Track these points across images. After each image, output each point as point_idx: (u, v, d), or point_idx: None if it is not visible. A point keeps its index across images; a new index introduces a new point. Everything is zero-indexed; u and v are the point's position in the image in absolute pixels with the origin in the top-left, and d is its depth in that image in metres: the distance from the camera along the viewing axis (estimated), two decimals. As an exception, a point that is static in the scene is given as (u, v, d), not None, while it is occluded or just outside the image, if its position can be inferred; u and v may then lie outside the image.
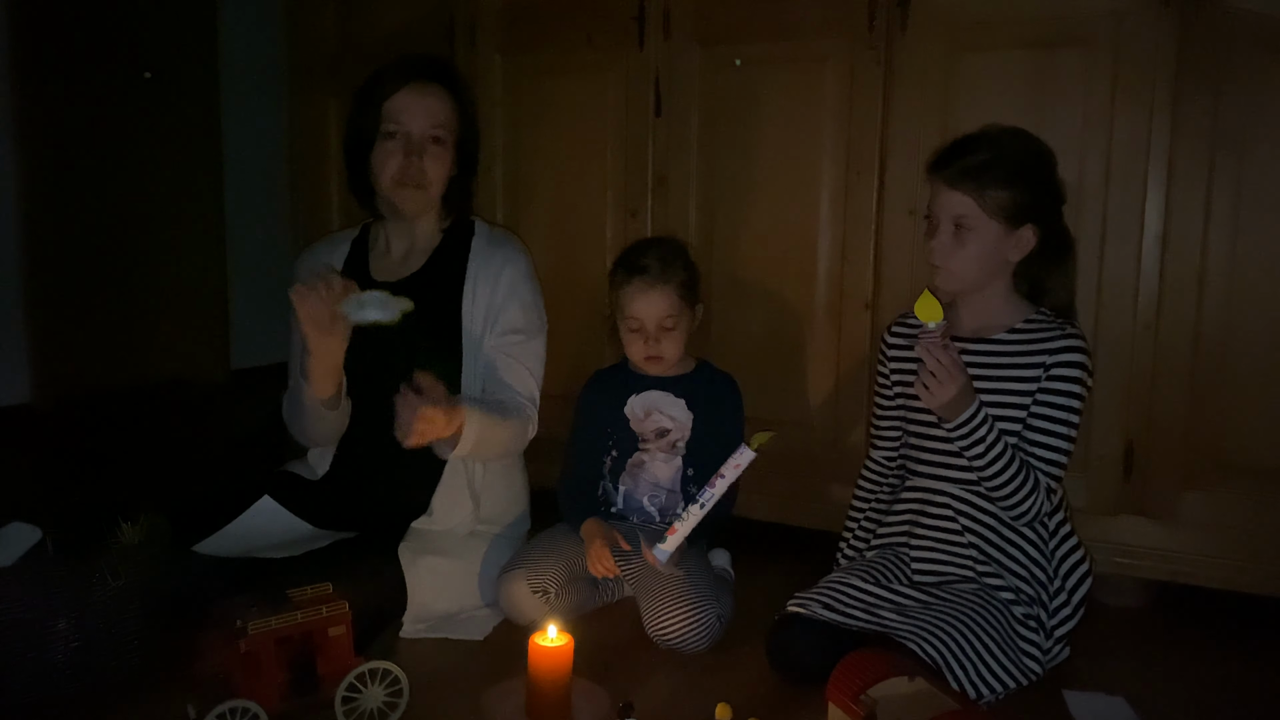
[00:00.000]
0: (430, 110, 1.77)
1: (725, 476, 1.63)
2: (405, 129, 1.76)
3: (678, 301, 1.79)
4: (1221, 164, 1.75)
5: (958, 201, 1.58)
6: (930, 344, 1.48)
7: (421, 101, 1.76)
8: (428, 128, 1.77)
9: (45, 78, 3.26)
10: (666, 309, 1.79)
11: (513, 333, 1.82)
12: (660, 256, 1.81)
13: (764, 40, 2.07)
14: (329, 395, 1.72)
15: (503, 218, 2.34)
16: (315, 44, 2.60)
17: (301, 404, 1.74)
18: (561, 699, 1.41)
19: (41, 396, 3.30)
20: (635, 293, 1.79)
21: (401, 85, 1.75)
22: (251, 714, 1.29)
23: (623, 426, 1.85)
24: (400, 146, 1.76)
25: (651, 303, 1.79)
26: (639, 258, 1.82)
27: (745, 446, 1.63)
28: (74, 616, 1.46)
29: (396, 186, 1.77)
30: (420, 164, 1.77)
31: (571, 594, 1.77)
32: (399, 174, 1.76)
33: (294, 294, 1.59)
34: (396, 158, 1.76)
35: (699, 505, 1.63)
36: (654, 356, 1.80)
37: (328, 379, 1.70)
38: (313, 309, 1.59)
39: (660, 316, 1.79)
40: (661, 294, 1.78)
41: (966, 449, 1.54)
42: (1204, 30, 1.73)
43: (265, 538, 1.69)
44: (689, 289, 1.82)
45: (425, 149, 1.77)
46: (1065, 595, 1.61)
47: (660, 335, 1.80)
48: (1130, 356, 1.83)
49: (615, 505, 1.87)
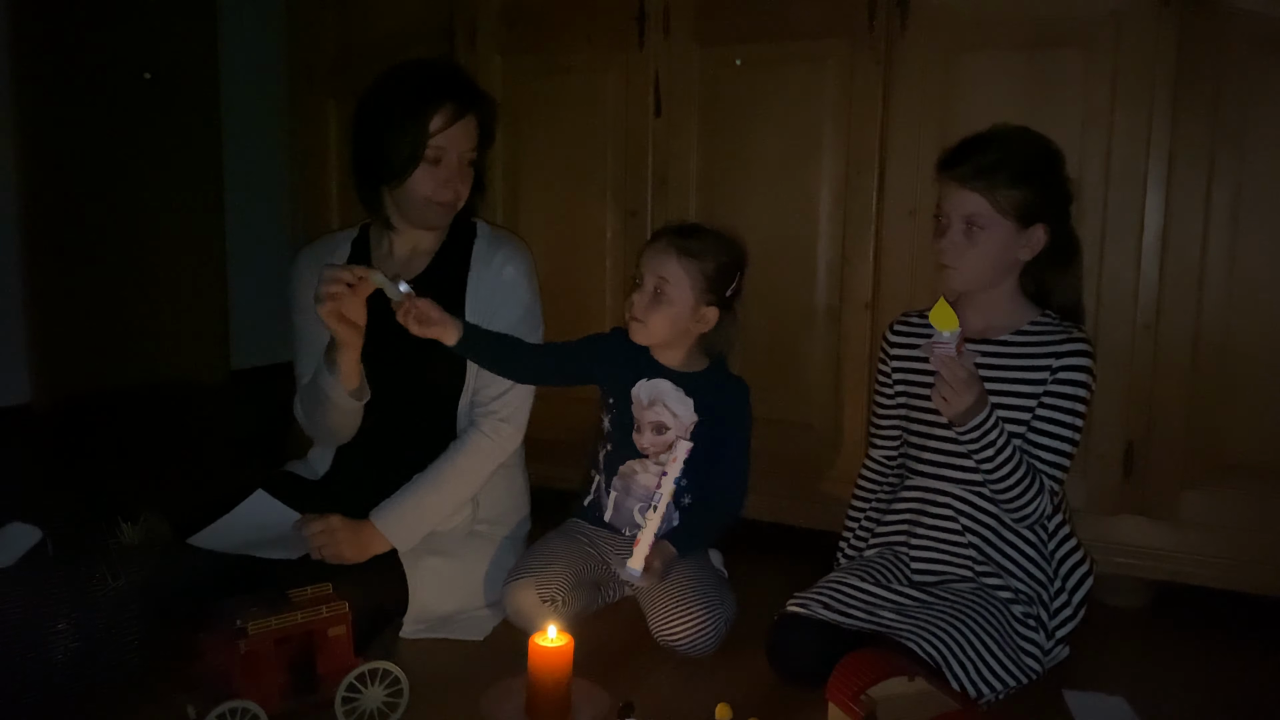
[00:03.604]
0: (470, 136, 1.79)
1: (668, 473, 1.62)
2: (448, 155, 1.76)
3: (682, 276, 1.74)
4: (1221, 164, 1.75)
5: (970, 200, 1.58)
6: (946, 355, 1.47)
7: (468, 131, 1.78)
8: (466, 151, 1.78)
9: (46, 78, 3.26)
10: (667, 273, 1.74)
11: (506, 332, 1.81)
12: (701, 236, 1.78)
13: (764, 40, 2.07)
14: (356, 385, 1.74)
15: (503, 218, 2.34)
16: (315, 45, 2.59)
17: (327, 399, 1.75)
18: (561, 699, 1.41)
19: (41, 396, 3.31)
20: (653, 248, 1.78)
21: (455, 118, 1.74)
22: (251, 714, 1.29)
23: (625, 404, 1.83)
24: (442, 171, 1.76)
25: (658, 260, 1.75)
26: (686, 226, 1.82)
27: (681, 441, 1.63)
28: (74, 616, 1.46)
29: (433, 205, 1.78)
30: (457, 185, 1.78)
31: (577, 599, 1.77)
32: (436, 195, 1.77)
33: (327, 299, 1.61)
34: (437, 181, 1.76)
35: (652, 509, 1.61)
36: (636, 317, 1.76)
37: (356, 368, 1.73)
38: (347, 305, 1.62)
39: (658, 277, 1.74)
40: (672, 259, 1.74)
41: (976, 452, 1.54)
42: (1204, 30, 1.73)
43: (261, 531, 1.69)
44: (709, 281, 1.76)
45: (461, 172, 1.78)
46: (1066, 595, 1.61)
47: (652, 298, 1.75)
48: (1130, 356, 1.83)
49: (606, 513, 1.84)
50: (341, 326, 1.65)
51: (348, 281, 1.62)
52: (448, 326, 1.66)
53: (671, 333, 1.77)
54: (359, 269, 1.64)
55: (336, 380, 1.71)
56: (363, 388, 1.75)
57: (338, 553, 1.64)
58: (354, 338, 1.67)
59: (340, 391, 1.73)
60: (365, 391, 1.76)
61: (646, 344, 1.80)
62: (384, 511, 1.70)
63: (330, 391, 1.73)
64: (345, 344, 1.68)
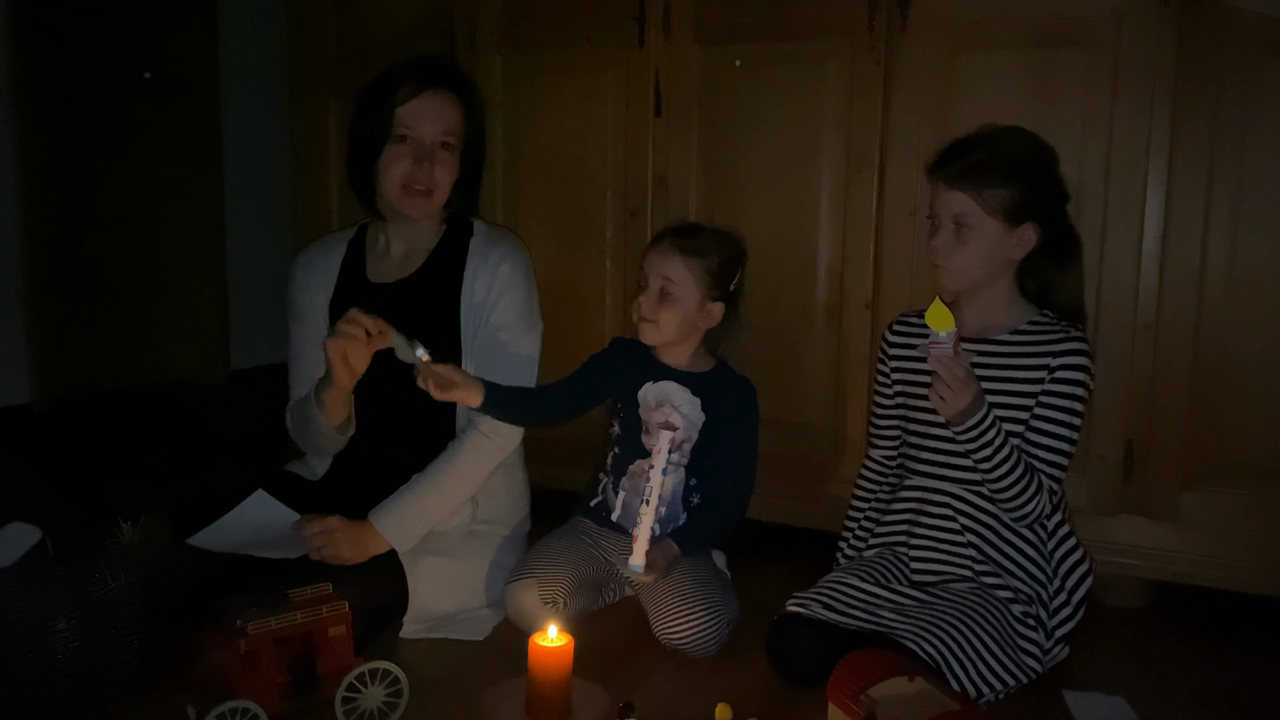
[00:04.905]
0: (442, 116, 1.77)
1: (655, 465, 1.62)
2: (417, 135, 1.76)
3: (687, 275, 1.75)
4: (1221, 163, 1.75)
5: (957, 200, 1.59)
6: (943, 355, 1.47)
7: (434, 108, 1.76)
8: (439, 134, 1.77)
9: (45, 78, 3.26)
10: (671, 273, 1.75)
11: (501, 329, 1.81)
12: (702, 234, 1.80)
13: (764, 40, 2.07)
14: (341, 420, 1.77)
15: (502, 218, 2.34)
16: (315, 45, 2.59)
17: (313, 427, 1.78)
18: (561, 699, 1.41)
19: (41, 397, 3.31)
20: (657, 249, 1.79)
21: (416, 92, 1.75)
22: (251, 714, 1.29)
23: (632, 407, 1.83)
24: (411, 152, 1.76)
25: (662, 261, 1.77)
26: (686, 226, 1.84)
27: (663, 431, 1.63)
28: (74, 616, 1.46)
29: (404, 192, 1.77)
30: (430, 170, 1.77)
31: (578, 600, 1.77)
32: (407, 180, 1.76)
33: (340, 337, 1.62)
34: (406, 163, 1.76)
35: (644, 503, 1.61)
36: (645, 318, 1.77)
37: (345, 408, 1.76)
38: (354, 352, 1.63)
39: (663, 278, 1.75)
40: (676, 259, 1.75)
41: (974, 452, 1.54)
42: (1203, 30, 1.73)
43: (261, 532, 1.69)
44: (713, 277, 1.77)
45: (435, 155, 1.77)
46: (1065, 595, 1.61)
47: (658, 298, 1.76)
48: (1130, 356, 1.83)
49: (615, 513, 1.84)
50: (341, 367, 1.66)
51: (367, 330, 1.62)
52: (470, 389, 1.65)
53: (681, 330, 1.78)
54: (381, 323, 1.63)
55: (323, 414, 1.74)
56: (349, 422, 1.78)
57: (337, 553, 1.64)
58: (347, 381, 1.68)
59: (325, 424, 1.75)
60: (351, 426, 1.78)
61: (658, 343, 1.80)
62: (382, 512, 1.70)
63: (316, 422, 1.76)
64: (338, 384, 1.69)
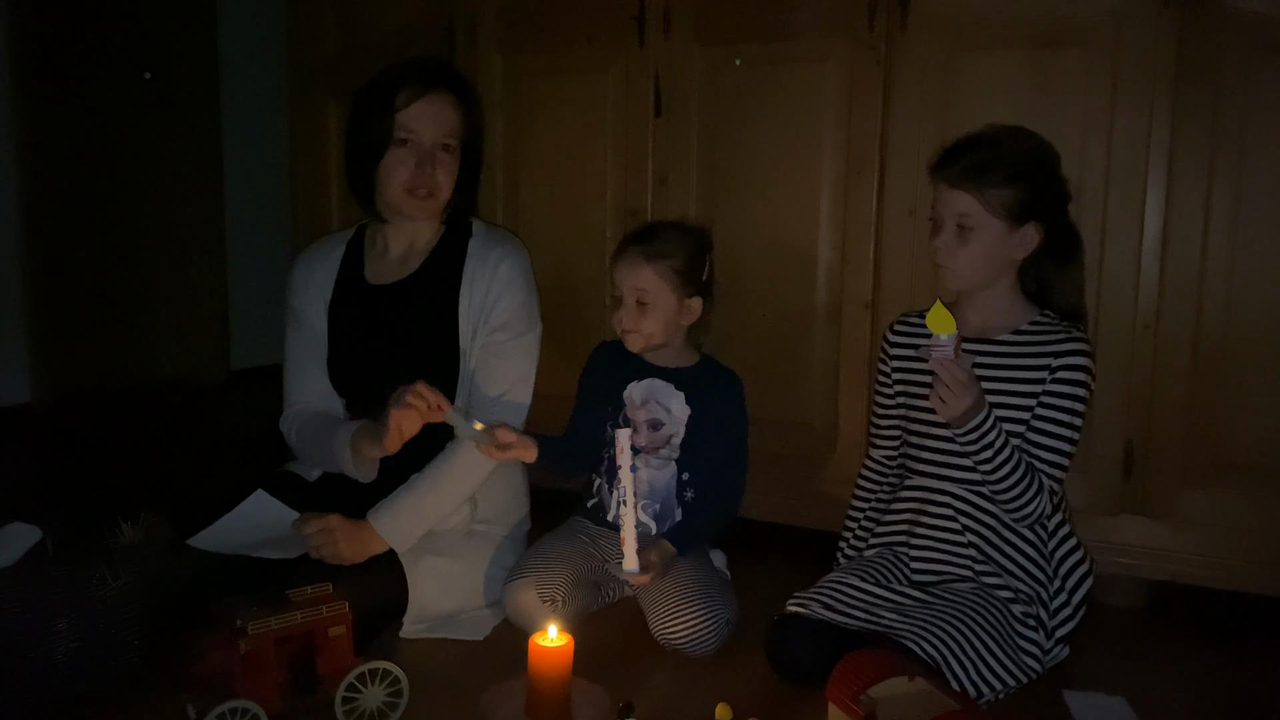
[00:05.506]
0: (442, 119, 1.77)
1: (621, 465, 1.62)
2: (418, 138, 1.76)
3: (658, 281, 1.76)
4: (1221, 163, 1.75)
5: (960, 200, 1.58)
6: (943, 358, 1.47)
7: (434, 110, 1.77)
8: (439, 136, 1.77)
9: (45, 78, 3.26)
10: (642, 283, 1.76)
11: (500, 329, 1.81)
12: (663, 235, 1.80)
13: (764, 40, 2.07)
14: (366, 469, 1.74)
15: (502, 218, 2.34)
16: (315, 45, 2.59)
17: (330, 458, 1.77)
18: (561, 699, 1.41)
19: (41, 396, 3.31)
20: (623, 261, 1.80)
21: (416, 95, 1.75)
22: (251, 714, 1.29)
23: (621, 407, 1.84)
24: (412, 155, 1.76)
25: (630, 273, 1.78)
26: (644, 230, 1.86)
27: (619, 431, 1.64)
28: (74, 616, 1.46)
29: (407, 195, 1.77)
30: (431, 173, 1.77)
31: (577, 599, 1.77)
32: (411, 183, 1.76)
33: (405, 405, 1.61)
34: (408, 166, 1.76)
35: (623, 504, 1.62)
36: (628, 330, 1.79)
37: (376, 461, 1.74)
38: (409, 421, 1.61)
39: (635, 289, 1.77)
40: (644, 268, 1.76)
41: (974, 454, 1.54)
42: (1203, 30, 1.73)
43: (261, 532, 1.69)
44: (683, 275, 1.78)
45: (436, 158, 1.77)
46: (1065, 595, 1.61)
47: (636, 310, 1.77)
48: (1130, 356, 1.83)
49: (610, 513, 1.83)
50: (396, 435, 1.63)
51: (430, 404, 1.61)
52: (527, 447, 1.71)
53: (666, 332, 1.80)
54: (442, 398, 1.63)
55: (355, 461, 1.72)
56: (372, 470, 1.75)
57: (336, 553, 1.64)
58: (396, 447, 1.65)
59: (351, 468, 1.73)
60: (374, 473, 1.75)
61: (645, 349, 1.81)
62: (381, 512, 1.70)
63: (340, 459, 1.74)
64: (386, 448, 1.66)
